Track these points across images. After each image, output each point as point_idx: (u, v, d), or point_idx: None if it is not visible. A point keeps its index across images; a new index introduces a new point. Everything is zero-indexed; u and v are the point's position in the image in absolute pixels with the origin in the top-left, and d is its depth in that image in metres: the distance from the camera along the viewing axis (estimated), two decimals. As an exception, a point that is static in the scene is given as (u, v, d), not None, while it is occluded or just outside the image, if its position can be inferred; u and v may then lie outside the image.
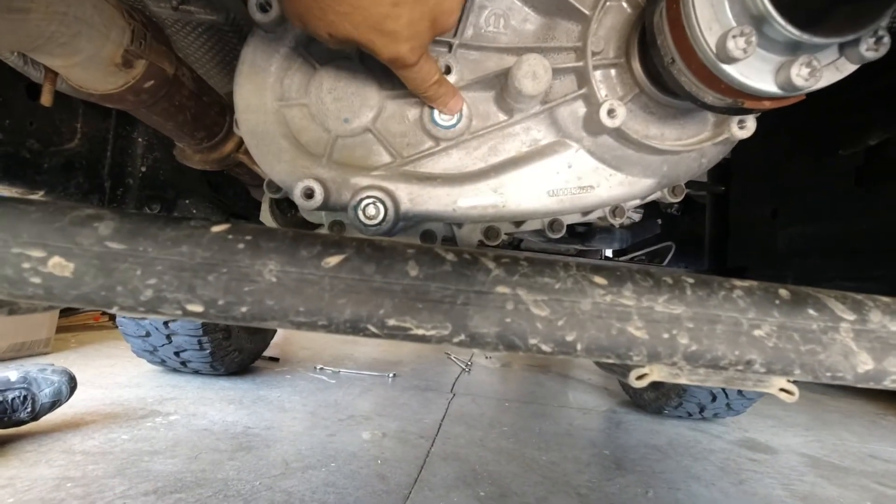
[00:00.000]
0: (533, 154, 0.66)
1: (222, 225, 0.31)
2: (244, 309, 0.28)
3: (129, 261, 0.28)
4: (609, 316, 0.30)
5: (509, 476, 1.71)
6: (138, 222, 0.30)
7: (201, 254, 0.29)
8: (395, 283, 0.29)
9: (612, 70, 0.60)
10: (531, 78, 0.56)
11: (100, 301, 0.29)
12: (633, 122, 0.61)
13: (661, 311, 0.30)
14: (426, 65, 0.53)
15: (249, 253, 0.29)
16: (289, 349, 3.36)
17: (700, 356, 0.30)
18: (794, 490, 1.88)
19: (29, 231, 0.28)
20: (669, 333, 0.30)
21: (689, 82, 0.46)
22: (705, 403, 2.43)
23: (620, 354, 0.30)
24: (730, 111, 0.48)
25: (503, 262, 0.31)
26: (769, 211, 0.86)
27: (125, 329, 2.18)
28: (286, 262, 0.30)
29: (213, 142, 0.81)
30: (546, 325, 0.29)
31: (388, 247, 0.31)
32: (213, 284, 0.28)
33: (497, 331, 0.29)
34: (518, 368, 3.60)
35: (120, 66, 0.55)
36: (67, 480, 1.35)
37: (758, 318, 0.31)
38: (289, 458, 1.64)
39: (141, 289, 0.28)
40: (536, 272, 0.30)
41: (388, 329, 0.29)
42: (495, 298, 0.29)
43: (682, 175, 0.67)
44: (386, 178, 0.63)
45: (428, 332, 0.28)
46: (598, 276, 0.31)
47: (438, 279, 0.29)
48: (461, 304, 0.29)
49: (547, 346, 0.29)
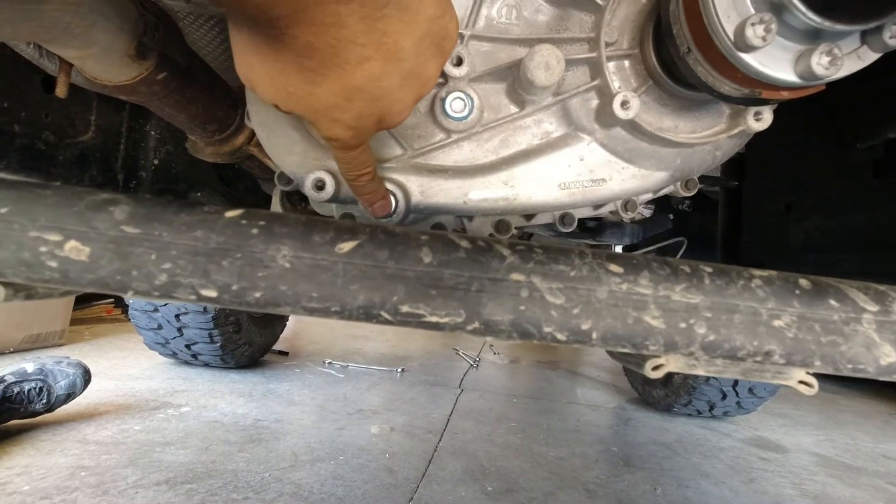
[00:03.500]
0: (544, 147, 0.65)
1: (236, 210, 0.31)
2: (258, 294, 0.29)
3: (145, 245, 0.28)
4: (625, 304, 0.29)
5: (517, 471, 1.71)
6: (153, 207, 0.30)
7: (215, 239, 0.29)
8: (408, 270, 0.29)
9: (626, 61, 0.60)
10: (544, 69, 0.55)
11: (115, 285, 0.29)
12: (647, 114, 0.60)
13: (678, 300, 0.29)
14: (362, 155, 0.52)
15: (263, 238, 0.29)
16: (298, 343, 3.39)
17: (718, 346, 0.30)
18: (805, 489, 1.86)
19: (46, 215, 0.29)
20: (687, 323, 0.29)
21: (705, 72, 0.45)
22: (715, 401, 2.41)
23: (636, 344, 0.29)
24: (747, 102, 0.47)
25: (518, 250, 0.30)
26: (783, 205, 0.85)
27: (137, 321, 2.21)
28: (299, 248, 0.30)
29: (225, 134, 0.82)
30: (561, 313, 0.28)
31: (401, 233, 0.30)
32: (227, 269, 0.28)
33: (511, 318, 0.29)
34: (526, 364, 3.60)
35: (133, 57, 0.56)
36: (81, 469, 1.38)
37: (777, 309, 0.31)
38: (298, 451, 1.66)
39: (156, 273, 0.28)
40: (551, 260, 0.30)
41: (401, 316, 0.28)
42: (510, 286, 0.29)
43: (695, 168, 0.66)
44: (397, 171, 0.63)
45: (441, 320, 0.28)
46: (613, 264, 0.30)
47: (452, 266, 0.29)
48: (475, 291, 0.28)
49: (562, 335, 0.29)
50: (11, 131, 0.71)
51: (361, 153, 0.51)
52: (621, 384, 3.11)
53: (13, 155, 0.70)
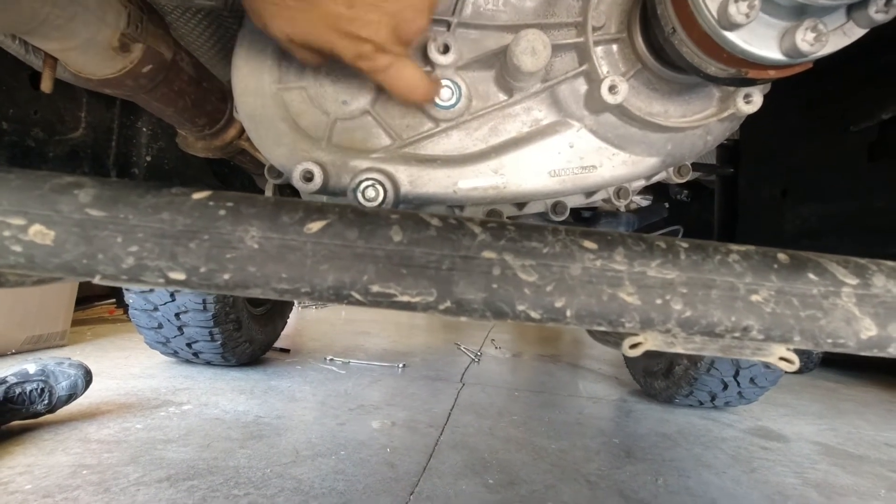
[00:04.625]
0: (534, 134, 0.65)
1: (204, 192, 0.30)
2: (226, 276, 0.28)
3: (110, 228, 0.28)
4: (599, 281, 0.29)
5: (518, 464, 1.71)
6: (119, 189, 0.30)
7: (182, 221, 0.29)
8: (378, 249, 0.28)
9: (614, 45, 0.59)
10: (530, 54, 0.55)
11: (82, 269, 0.28)
12: (636, 99, 0.60)
13: (653, 276, 0.29)
14: (405, 72, 0.50)
15: (231, 219, 0.29)
16: (299, 340, 3.39)
17: (695, 322, 0.29)
18: (807, 478, 1.86)
19: (9, 199, 0.28)
20: (662, 299, 0.29)
21: (690, 53, 0.45)
22: (716, 392, 2.41)
23: (612, 321, 0.29)
24: (734, 82, 0.47)
25: (489, 227, 0.30)
26: (779, 191, 0.85)
27: (138, 321, 2.21)
28: (268, 229, 0.29)
29: (215, 129, 0.81)
30: (534, 290, 0.28)
31: (371, 212, 0.30)
32: (194, 252, 0.28)
33: (484, 297, 0.28)
34: (528, 358, 3.60)
35: (117, 50, 0.55)
36: (83, 468, 1.38)
37: (755, 283, 0.30)
38: (299, 447, 1.66)
39: (122, 256, 0.28)
40: (524, 236, 0.29)
41: (371, 296, 0.28)
42: (481, 263, 0.28)
43: (687, 154, 0.66)
44: (385, 161, 0.63)
45: (413, 299, 0.28)
46: (587, 240, 0.30)
47: (423, 244, 0.29)
48: (446, 270, 0.28)
49: (535, 313, 0.28)
50: (0, 129, 0.71)
51: (402, 70, 0.49)
52: (623, 377, 3.11)
53: (1, 152, 0.70)
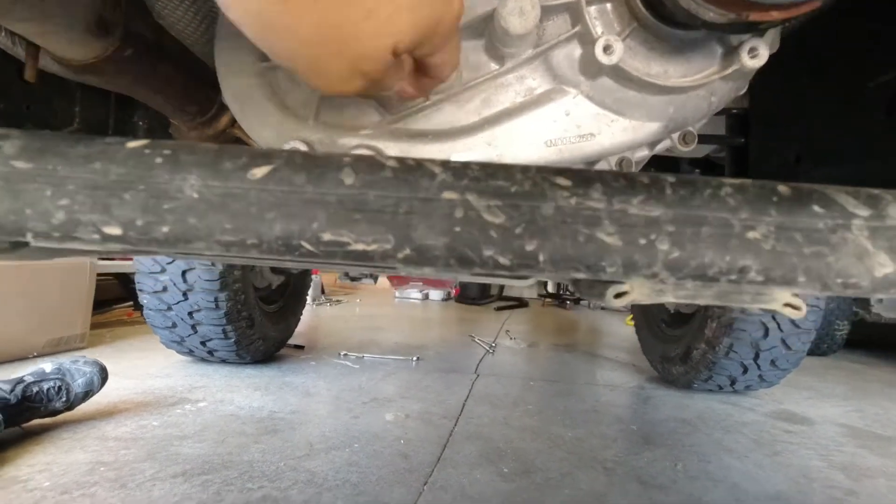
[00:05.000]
0: (528, 103, 0.62)
1: (139, 140, 0.29)
2: (165, 229, 0.26)
3: (38, 181, 0.27)
4: (575, 221, 0.26)
5: (533, 453, 1.69)
6: (48, 140, 0.28)
7: (116, 170, 0.27)
8: (329, 194, 0.26)
9: (608, 4, 0.56)
10: (517, 15, 0.52)
11: (10, 227, 0.27)
12: (633, 60, 0.57)
13: (635, 214, 0.26)
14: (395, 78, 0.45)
15: (168, 168, 0.27)
16: (314, 337, 3.41)
17: (684, 264, 0.27)
18: (832, 461, 1.81)
19: None
20: (647, 239, 0.26)
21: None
22: (736, 376, 2.36)
23: (591, 266, 0.26)
24: (735, 28, 0.44)
25: (451, 167, 0.28)
26: (792, 157, 0.81)
27: (153, 321, 2.24)
28: (208, 177, 0.27)
29: (207, 117, 0.80)
30: (501, 233, 0.26)
31: (321, 156, 0.28)
32: (129, 203, 0.26)
33: (445, 242, 0.26)
34: (544, 348, 3.57)
35: (95, 33, 0.54)
36: (101, 465, 1.40)
37: (751, 219, 0.27)
38: (313, 440, 1.66)
39: (52, 211, 0.26)
40: (489, 175, 0.27)
41: (324, 245, 0.26)
42: (442, 205, 0.26)
43: (690, 117, 0.63)
44: (375, 137, 0.61)
45: (369, 248, 0.26)
46: (561, 177, 0.27)
47: (377, 187, 0.26)
48: (404, 214, 0.26)
49: (504, 259, 0.26)
50: (-9, 123, 0.70)
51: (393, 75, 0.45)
52: (640, 364, 3.06)
53: (-7, 146, 0.69)
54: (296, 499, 1.29)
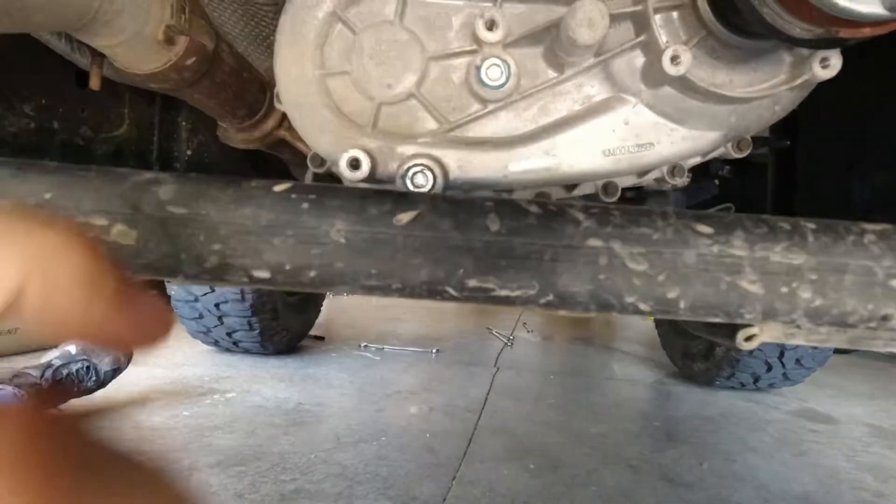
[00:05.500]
0: (586, 112, 0.62)
1: (284, 183, 0.29)
2: (312, 274, 0.27)
3: (192, 226, 0.27)
4: (717, 269, 0.26)
5: (558, 448, 1.70)
6: (199, 184, 0.29)
7: (265, 216, 0.27)
8: (474, 240, 0.26)
9: (675, 12, 0.55)
10: (587, 26, 0.52)
11: (165, 270, 0.28)
12: (699, 69, 0.56)
13: (777, 262, 0.26)
14: None
15: (315, 213, 0.27)
16: (333, 328, 3.44)
17: (825, 312, 0.26)
18: (859, 462, 1.80)
19: (91, 198, 0.28)
20: (789, 287, 0.26)
21: (773, 14, 0.41)
22: (760, 373, 2.34)
23: (730, 312, 0.26)
24: (819, 44, 0.43)
25: (593, 213, 0.28)
26: (844, 162, 0.79)
27: (180, 311, 2.27)
28: (354, 221, 0.28)
29: (255, 119, 0.81)
30: (644, 281, 0.26)
31: (464, 200, 0.28)
32: (279, 248, 0.27)
33: (590, 289, 0.26)
34: (560, 341, 3.57)
35: (162, 43, 0.55)
36: (137, 455, 1.44)
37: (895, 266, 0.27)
38: (340, 433, 1.69)
39: (206, 255, 0.27)
40: (631, 222, 0.27)
41: (468, 291, 0.26)
42: (587, 253, 0.26)
43: (752, 126, 0.62)
44: (433, 145, 0.61)
45: (513, 293, 0.26)
46: (701, 224, 0.27)
47: (523, 234, 0.27)
48: (549, 261, 0.26)
49: (645, 305, 0.26)
50: (51, 128, 0.72)
51: None
52: (658, 358, 3.05)
53: (54, 151, 0.71)
54: (329, 491, 1.32)
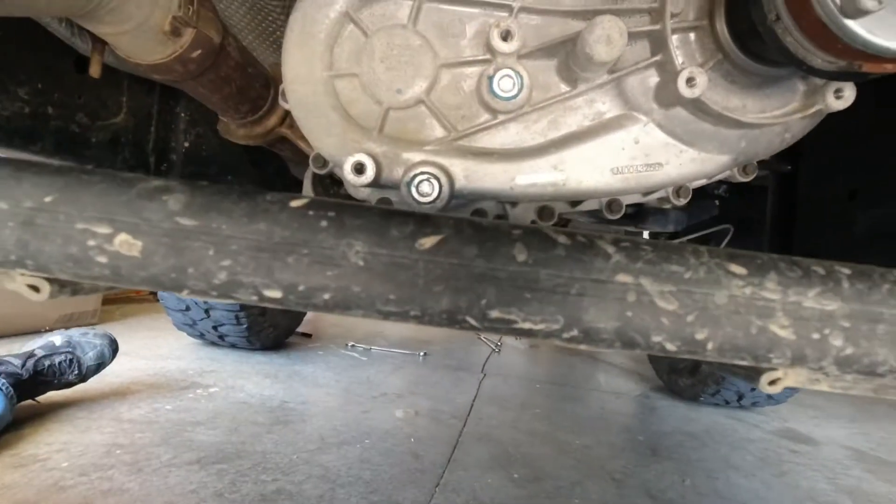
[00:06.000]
0: (597, 128, 0.61)
1: (301, 199, 0.28)
2: (327, 296, 0.25)
3: (202, 239, 0.26)
4: (748, 311, 0.26)
5: (543, 459, 1.69)
6: (210, 195, 0.27)
7: (280, 232, 0.26)
8: (499, 269, 0.25)
9: (692, 34, 0.55)
10: (605, 43, 0.51)
11: (169, 284, 0.26)
12: (713, 92, 0.56)
13: (811, 307, 0.26)
14: None
15: (333, 232, 0.26)
16: (321, 326, 3.41)
17: (855, 361, 0.26)
18: (839, 484, 1.81)
19: (94, 204, 0.26)
20: (820, 333, 0.26)
21: (795, 43, 0.41)
22: (744, 392, 2.36)
23: (758, 357, 0.26)
24: (839, 76, 0.43)
25: (623, 247, 0.27)
26: (846, 191, 0.79)
27: (166, 303, 2.24)
28: (375, 243, 0.26)
29: (257, 116, 0.79)
30: (673, 320, 0.25)
31: (490, 227, 0.27)
32: (292, 267, 0.25)
33: (616, 326, 0.25)
34: (548, 349, 3.57)
35: (168, 34, 0.53)
36: (117, 447, 1.41)
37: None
38: (324, 434, 1.67)
39: (214, 271, 0.25)
40: (663, 259, 0.26)
41: (489, 322, 0.25)
42: (615, 289, 0.25)
43: (761, 151, 0.62)
44: (440, 154, 0.60)
45: (536, 326, 0.25)
46: (734, 264, 0.26)
47: (550, 265, 0.26)
48: (575, 295, 0.25)
49: (672, 345, 0.25)
50: (46, 113, 0.70)
51: None
52: (644, 371, 3.06)
53: (48, 137, 0.69)
54: (310, 493, 1.30)
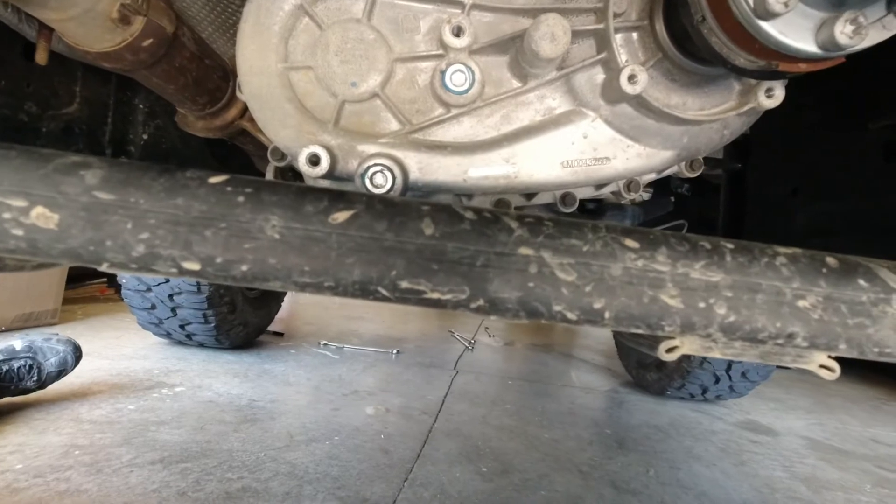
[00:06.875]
0: (547, 123, 0.63)
1: (220, 175, 0.28)
2: (244, 268, 0.26)
3: (120, 213, 0.26)
4: (641, 282, 0.28)
5: (511, 453, 1.72)
6: (129, 171, 0.27)
7: (198, 207, 0.27)
8: (408, 243, 0.27)
9: (634, 33, 0.57)
10: (549, 40, 0.53)
11: (88, 256, 0.26)
12: (655, 90, 0.58)
13: (697, 279, 0.27)
14: None
15: (250, 207, 0.27)
16: (293, 324, 3.38)
17: (738, 328, 0.28)
18: (794, 472, 1.89)
19: (10, 178, 0.26)
20: (706, 302, 0.27)
21: (719, 43, 0.43)
22: (708, 385, 2.43)
23: (652, 324, 0.28)
24: (762, 75, 0.45)
25: (527, 222, 0.28)
26: (790, 189, 0.83)
27: (131, 301, 2.18)
28: (290, 218, 0.27)
29: (216, 108, 0.79)
30: (572, 290, 0.27)
31: (400, 203, 0.28)
32: (210, 241, 0.26)
33: (519, 296, 0.27)
34: (521, 347, 3.61)
35: (117, 21, 0.53)
36: (75, 448, 1.37)
37: (802, 288, 0.29)
38: (293, 431, 1.66)
39: (132, 244, 0.26)
40: (562, 233, 0.28)
41: (400, 292, 0.27)
42: (518, 261, 0.27)
43: (702, 147, 0.64)
44: (394, 146, 0.61)
45: (443, 296, 0.26)
46: (629, 239, 0.28)
47: (456, 239, 0.27)
48: (480, 267, 0.26)
49: (572, 314, 0.27)
50: (-9, 101, 0.68)
51: None
52: (615, 367, 3.13)
53: (-7, 126, 0.67)
54: (276, 490, 1.29)
